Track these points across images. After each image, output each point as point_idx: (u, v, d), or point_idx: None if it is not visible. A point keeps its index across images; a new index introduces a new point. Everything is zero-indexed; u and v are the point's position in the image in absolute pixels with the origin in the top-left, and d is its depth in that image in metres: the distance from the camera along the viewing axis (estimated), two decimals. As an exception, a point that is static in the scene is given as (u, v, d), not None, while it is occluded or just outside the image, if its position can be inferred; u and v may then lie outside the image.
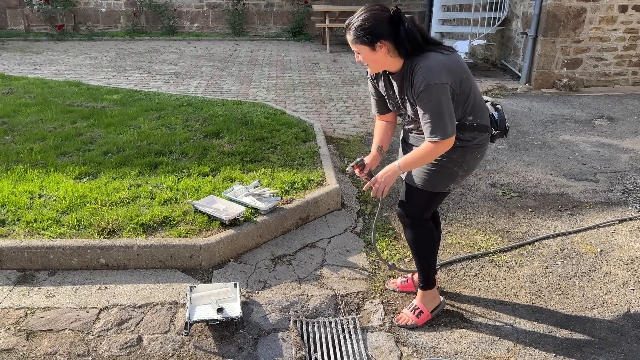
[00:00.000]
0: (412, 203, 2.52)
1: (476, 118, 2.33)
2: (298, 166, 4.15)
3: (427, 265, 2.61)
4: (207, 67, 8.87)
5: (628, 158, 4.86)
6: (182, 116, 5.45)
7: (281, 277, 3.00)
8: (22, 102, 5.90)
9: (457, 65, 2.23)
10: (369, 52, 2.19)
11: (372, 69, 2.33)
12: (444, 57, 2.19)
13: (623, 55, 7.60)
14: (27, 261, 2.98)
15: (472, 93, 2.29)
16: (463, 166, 2.39)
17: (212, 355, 2.39)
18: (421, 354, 2.42)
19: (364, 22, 2.14)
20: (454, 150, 2.31)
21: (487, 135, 2.41)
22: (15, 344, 2.43)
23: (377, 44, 2.15)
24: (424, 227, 2.57)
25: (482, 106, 2.37)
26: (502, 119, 2.44)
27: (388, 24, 2.14)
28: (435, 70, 2.13)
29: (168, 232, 3.15)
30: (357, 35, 2.16)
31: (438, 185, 2.44)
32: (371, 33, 2.13)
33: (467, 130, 2.33)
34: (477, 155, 2.42)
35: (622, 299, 2.83)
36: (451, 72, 2.18)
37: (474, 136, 2.35)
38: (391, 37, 2.15)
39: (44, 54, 9.76)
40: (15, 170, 3.95)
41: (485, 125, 2.37)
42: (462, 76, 2.22)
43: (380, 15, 2.14)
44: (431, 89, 2.12)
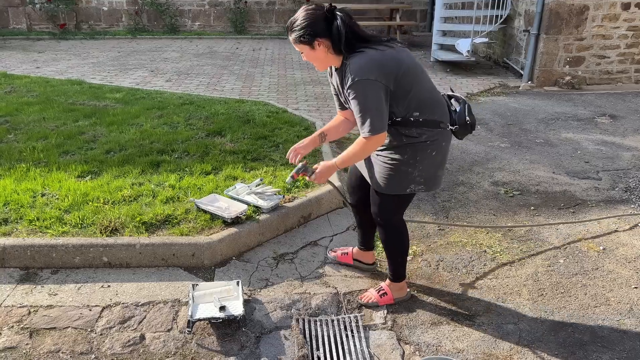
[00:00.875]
0: (378, 206, 2.58)
1: (423, 114, 2.31)
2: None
3: (397, 262, 2.72)
4: (208, 66, 8.87)
5: (631, 156, 4.85)
6: (184, 115, 5.45)
7: (283, 276, 3.00)
8: (25, 101, 5.91)
9: (393, 60, 2.22)
10: (309, 50, 2.26)
11: (317, 67, 2.38)
12: (378, 53, 2.21)
13: (626, 53, 7.58)
14: (30, 259, 2.98)
15: (417, 88, 2.29)
16: (417, 166, 2.39)
17: (214, 354, 2.40)
18: (423, 352, 2.42)
19: (301, 22, 2.21)
20: (404, 151, 2.36)
21: (439, 131, 2.36)
22: (18, 342, 2.44)
23: (314, 42, 2.22)
24: (396, 228, 2.64)
25: (432, 101, 2.35)
26: (462, 114, 2.40)
27: (323, 21, 2.20)
28: (363, 66, 2.17)
29: (170, 230, 3.16)
30: (296, 36, 2.24)
31: (397, 188, 2.46)
32: (308, 32, 2.20)
33: (413, 126, 2.32)
34: (431, 154, 2.39)
35: (624, 297, 2.82)
36: (383, 68, 2.18)
37: (421, 132, 2.34)
38: (327, 34, 2.20)
39: (46, 53, 9.77)
40: (18, 168, 3.96)
41: (436, 120, 2.34)
42: (399, 72, 2.22)
43: (315, 14, 2.20)
44: (358, 84, 2.17)
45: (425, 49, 10.44)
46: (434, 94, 2.39)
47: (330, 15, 2.20)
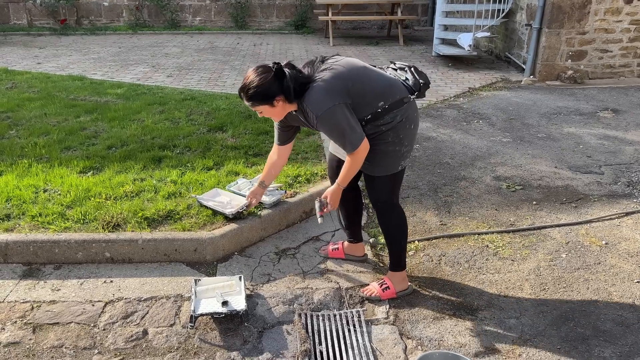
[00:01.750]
0: (377, 190, 2.68)
1: (387, 100, 2.45)
2: (302, 160, 4.15)
3: (399, 247, 2.76)
4: (210, 61, 8.85)
5: (633, 150, 4.84)
6: (186, 110, 5.45)
7: (285, 271, 3.00)
8: (26, 97, 5.91)
9: (336, 79, 2.38)
10: (269, 108, 2.44)
11: (276, 119, 2.60)
12: (321, 82, 2.37)
13: (628, 47, 7.54)
14: (33, 255, 2.99)
15: (369, 85, 2.44)
16: (403, 142, 2.55)
17: (217, 348, 2.40)
18: (426, 347, 2.43)
19: (257, 88, 2.36)
20: (387, 135, 2.50)
21: (406, 105, 2.50)
22: (21, 337, 2.44)
23: (273, 101, 2.39)
24: (395, 210, 2.72)
25: (387, 86, 2.48)
26: (415, 81, 2.53)
27: (275, 81, 2.36)
28: (318, 101, 2.35)
29: (172, 225, 3.16)
30: (255, 100, 2.39)
31: (390, 167, 2.59)
32: (266, 95, 2.37)
33: (385, 114, 2.46)
34: (410, 128, 2.55)
35: (627, 291, 2.82)
36: (332, 90, 2.35)
37: (394, 115, 2.47)
38: (282, 91, 2.37)
39: (47, 49, 9.76)
40: (20, 164, 3.97)
41: (399, 100, 2.48)
42: (346, 85, 2.38)
43: (267, 77, 2.36)
44: (323, 118, 2.35)
45: (427, 43, 10.41)
46: (385, 79, 2.52)
47: (280, 74, 2.36)
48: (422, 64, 8.66)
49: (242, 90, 2.42)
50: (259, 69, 2.41)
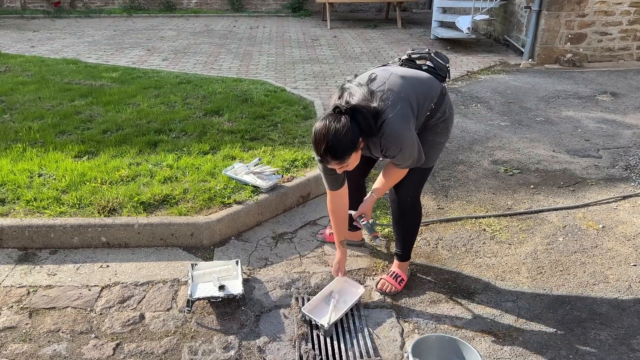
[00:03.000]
0: (408, 185, 2.55)
1: (433, 98, 2.38)
2: (299, 144, 4.12)
3: (411, 241, 2.73)
4: (205, 44, 8.76)
5: (631, 134, 4.82)
6: (181, 94, 5.40)
7: (283, 255, 3.00)
8: (20, 81, 5.85)
9: (401, 102, 2.22)
10: (355, 155, 2.19)
11: (352, 166, 2.26)
12: (391, 112, 2.18)
13: (628, 30, 7.48)
14: (28, 240, 2.97)
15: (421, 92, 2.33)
16: (447, 135, 2.54)
17: (214, 332, 2.40)
18: (422, 330, 2.43)
19: (343, 139, 2.08)
20: (436, 127, 2.45)
21: (447, 96, 2.45)
22: (18, 322, 2.44)
23: (359, 146, 2.16)
24: (418, 207, 2.67)
25: (428, 84, 2.39)
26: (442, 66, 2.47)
27: (352, 123, 2.10)
28: (397, 134, 2.19)
29: (169, 210, 3.14)
30: (344, 154, 2.12)
31: (433, 159, 2.54)
32: (353, 141, 2.11)
33: (435, 113, 2.41)
34: (453, 117, 2.54)
35: (623, 274, 2.83)
36: (404, 116, 2.22)
37: (443, 110, 2.43)
38: (360, 132, 2.14)
39: (41, 32, 9.64)
40: (14, 149, 3.93)
41: (439, 92, 2.41)
42: (412, 104, 2.26)
43: (345, 123, 2.09)
44: (404, 149, 2.23)
45: (425, 26, 10.31)
46: (423, 79, 2.41)
47: (352, 113, 2.12)
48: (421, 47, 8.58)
49: (326, 152, 2.10)
50: (329, 118, 2.11)
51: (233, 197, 3.26)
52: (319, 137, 2.11)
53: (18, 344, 2.31)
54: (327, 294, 2.60)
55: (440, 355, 2.17)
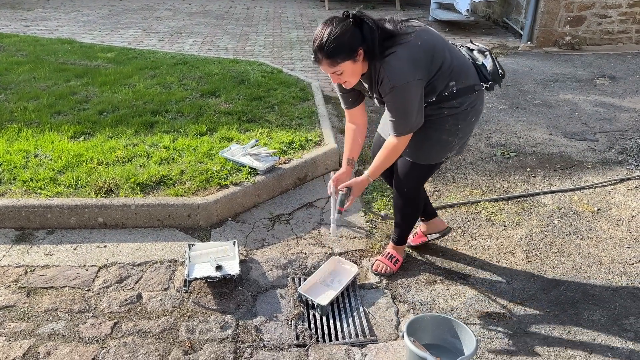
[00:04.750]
0: (410, 177, 2.48)
1: (459, 82, 2.23)
2: (296, 126, 4.11)
3: (408, 227, 2.68)
4: (202, 25, 8.67)
5: (628, 117, 4.82)
6: (178, 75, 5.35)
7: (279, 236, 3.01)
8: (14, 60, 5.79)
9: (422, 49, 2.12)
10: (351, 65, 2.08)
11: (352, 83, 2.18)
12: (407, 49, 2.08)
13: (627, 13, 7.43)
14: (25, 220, 2.98)
15: (447, 61, 2.19)
16: (458, 134, 2.34)
17: (211, 312, 2.42)
18: (417, 310, 2.46)
19: (340, 38, 2.00)
20: (445, 121, 2.28)
21: (476, 94, 2.30)
22: (16, 301, 2.45)
23: (356, 53, 2.05)
24: (416, 198, 2.59)
25: (462, 66, 2.26)
26: (494, 68, 2.31)
27: (356, 29, 2.02)
28: (399, 70, 2.06)
29: (165, 191, 3.14)
30: (338, 54, 2.03)
31: (434, 157, 2.42)
32: (351, 45, 2.02)
33: (453, 98, 2.25)
34: (471, 119, 2.35)
35: (617, 256, 2.85)
36: (416, 63, 2.09)
37: (462, 101, 2.27)
38: (362, 42, 2.04)
39: (35, 11, 9.51)
40: (10, 129, 3.91)
41: (471, 85, 2.27)
42: (429, 59, 2.13)
43: (346, 25, 2.01)
44: (397, 91, 2.08)
45: (424, 8, 10.22)
46: (462, 59, 2.29)
47: (359, 21, 2.04)
48: (419, 29, 8.51)
49: (319, 48, 2.02)
50: (333, 19, 2.04)
51: (230, 179, 3.26)
52: (317, 33, 2.05)
53: (16, 323, 2.32)
54: (323, 274, 2.62)
55: (435, 335, 2.19)
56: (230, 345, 2.24)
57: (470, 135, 2.46)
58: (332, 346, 2.25)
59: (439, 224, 2.86)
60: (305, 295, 2.46)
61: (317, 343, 2.26)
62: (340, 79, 2.16)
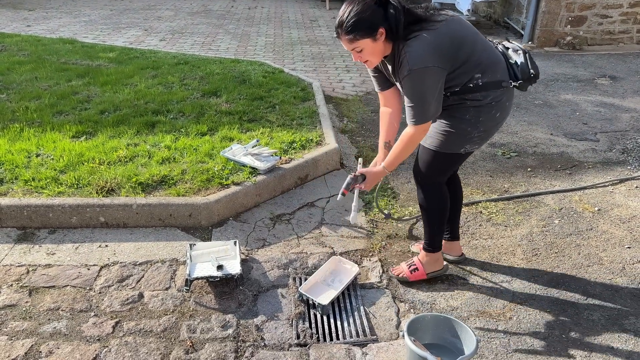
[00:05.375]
0: (426, 165, 2.44)
1: (485, 75, 2.20)
2: (297, 126, 4.12)
3: (435, 228, 2.58)
4: (203, 25, 8.68)
5: (629, 117, 4.83)
6: (179, 75, 5.37)
7: (280, 236, 3.02)
8: (16, 60, 5.80)
9: (448, 39, 2.11)
10: (371, 43, 2.10)
11: (373, 62, 2.22)
12: (432, 35, 2.08)
13: (629, 13, 7.43)
14: (27, 219, 2.99)
15: (476, 54, 2.17)
16: (478, 127, 2.28)
17: (212, 311, 2.43)
18: (418, 310, 2.46)
19: (360, 15, 2.04)
20: (466, 111, 2.25)
21: (503, 90, 2.25)
22: (18, 300, 2.46)
23: (377, 32, 2.07)
24: (436, 191, 2.51)
25: (492, 61, 2.23)
26: (525, 67, 2.26)
27: (378, 8, 2.06)
28: (419, 54, 2.06)
29: (167, 191, 3.15)
30: (357, 30, 2.06)
31: (452, 146, 2.35)
32: (371, 23, 2.05)
33: (477, 90, 2.21)
34: (495, 114, 2.28)
35: (617, 256, 2.86)
36: (439, 50, 2.08)
37: (486, 94, 2.22)
38: (385, 21, 2.07)
39: (37, 11, 9.53)
40: (12, 128, 3.92)
41: (498, 80, 2.23)
42: (454, 48, 2.12)
43: (369, 3, 2.05)
44: (414, 74, 2.07)
45: (425, 8, 10.21)
46: (493, 53, 2.26)
47: (382, 1, 2.06)
48: (420, 29, 8.51)
49: (339, 24, 2.07)
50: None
51: (231, 178, 3.27)
52: (341, 10, 2.10)
53: (18, 322, 2.33)
54: (323, 274, 2.62)
55: (436, 334, 2.20)
56: (232, 344, 2.24)
57: (495, 131, 2.41)
58: (332, 345, 2.25)
59: (457, 248, 2.80)
60: (306, 294, 2.47)
61: (318, 342, 2.27)
62: (361, 57, 2.17)
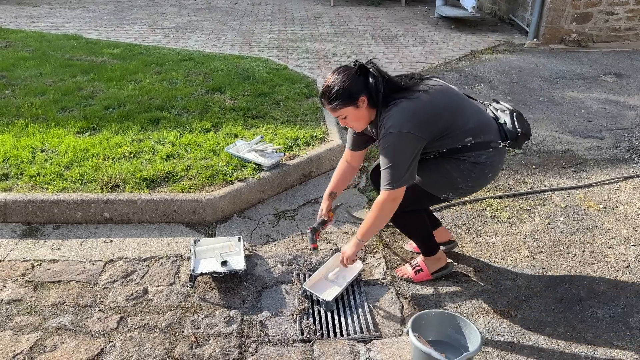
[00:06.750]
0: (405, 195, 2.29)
1: (477, 138, 2.26)
2: (301, 122, 4.11)
3: (420, 240, 2.60)
4: (207, 21, 8.67)
5: (635, 115, 4.80)
6: (183, 71, 5.37)
7: (284, 232, 3.02)
8: (21, 56, 5.81)
9: (429, 106, 2.18)
10: (353, 110, 2.20)
11: (358, 127, 2.31)
12: (412, 102, 2.16)
13: (635, 10, 7.38)
14: (32, 215, 2.99)
15: (462, 120, 2.24)
16: (468, 181, 2.33)
17: (216, 307, 2.43)
18: (422, 307, 2.46)
19: (341, 84, 2.15)
20: (462, 162, 2.29)
21: (494, 150, 2.30)
22: (23, 295, 2.47)
23: (358, 100, 2.17)
24: (411, 217, 2.50)
25: (484, 123, 2.30)
26: (512, 128, 2.33)
27: (359, 78, 2.17)
28: (396, 118, 2.13)
29: (171, 187, 3.15)
30: (339, 99, 2.16)
31: (435, 188, 2.38)
32: (351, 92, 2.15)
33: (469, 150, 2.28)
34: (487, 174, 2.34)
35: (622, 254, 2.85)
36: (417, 117, 2.14)
37: (478, 154, 2.28)
38: (365, 89, 2.16)
39: (41, 7, 9.54)
40: (17, 124, 3.93)
41: (486, 141, 2.28)
42: (435, 117, 2.18)
43: (350, 73, 2.17)
44: (389, 136, 2.13)
45: (430, 4, 10.19)
46: (483, 116, 2.33)
47: (364, 70, 2.18)
48: (424, 26, 8.50)
49: (323, 93, 2.20)
50: (340, 68, 2.21)
51: (235, 175, 3.27)
52: (325, 79, 2.24)
53: (23, 316, 2.34)
54: (327, 270, 2.62)
55: (440, 331, 2.20)
56: (236, 340, 2.25)
57: (479, 189, 2.46)
58: (336, 342, 2.25)
59: (444, 233, 2.81)
60: (310, 291, 2.47)
61: (322, 338, 2.27)
62: (346, 123, 2.28)
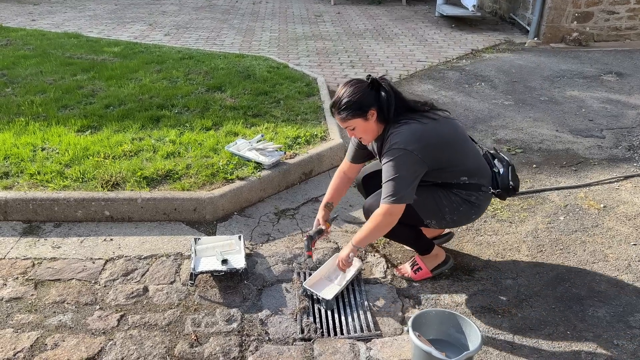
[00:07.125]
0: None
1: (471, 178, 2.34)
2: (301, 121, 4.11)
3: (410, 242, 2.64)
4: (208, 20, 8.67)
5: (635, 114, 4.80)
6: (184, 69, 5.36)
7: (285, 231, 3.02)
8: (21, 54, 5.81)
9: (436, 135, 2.24)
10: (362, 122, 2.26)
11: (366, 140, 2.36)
12: (421, 125, 2.23)
13: (635, 9, 7.37)
14: (32, 213, 3.00)
15: (461, 159, 2.32)
16: (454, 214, 2.39)
17: (217, 305, 2.44)
18: (422, 306, 2.46)
19: (352, 96, 2.21)
20: (454, 195, 2.36)
21: (482, 194, 2.39)
22: (23, 293, 2.47)
23: (368, 113, 2.22)
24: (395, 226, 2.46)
25: (480, 167, 2.38)
26: (505, 178, 2.38)
27: (370, 91, 2.23)
28: (404, 135, 2.19)
29: (172, 185, 3.15)
30: (349, 110, 2.22)
31: (425, 210, 2.40)
32: (362, 104, 2.21)
33: (462, 188, 2.36)
34: (471, 214, 2.44)
35: (623, 253, 2.85)
36: (424, 140, 2.20)
37: (470, 194, 2.37)
38: (376, 103, 2.22)
39: (42, 5, 9.54)
40: (17, 122, 3.93)
41: (479, 184, 2.36)
42: (438, 146, 2.24)
43: (362, 86, 2.23)
44: (393, 151, 2.19)
45: (430, 3, 10.18)
46: (480, 161, 2.41)
47: (376, 85, 2.23)
48: (425, 25, 8.49)
49: (334, 104, 2.26)
50: (352, 80, 2.27)
51: (236, 173, 3.27)
52: (337, 89, 2.29)
53: (24, 314, 2.35)
54: (327, 269, 2.62)
55: (440, 330, 2.20)
56: (236, 338, 2.25)
57: (459, 226, 2.54)
58: (337, 340, 2.26)
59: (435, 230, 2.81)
60: (310, 289, 2.47)
61: (322, 337, 2.27)
62: (355, 134, 2.34)
